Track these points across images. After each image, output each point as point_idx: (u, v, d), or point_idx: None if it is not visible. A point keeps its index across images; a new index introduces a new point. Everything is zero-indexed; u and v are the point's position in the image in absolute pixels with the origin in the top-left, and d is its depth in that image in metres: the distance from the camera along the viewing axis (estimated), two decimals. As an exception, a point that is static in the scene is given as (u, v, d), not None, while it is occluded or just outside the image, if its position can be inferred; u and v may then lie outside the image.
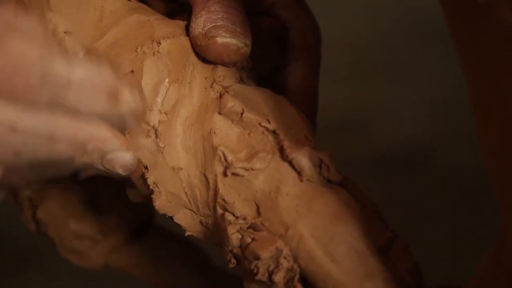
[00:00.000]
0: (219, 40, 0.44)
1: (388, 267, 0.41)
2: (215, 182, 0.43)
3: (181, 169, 0.44)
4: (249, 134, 0.44)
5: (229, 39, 0.44)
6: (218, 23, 0.44)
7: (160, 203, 0.44)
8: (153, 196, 0.44)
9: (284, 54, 0.51)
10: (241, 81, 0.47)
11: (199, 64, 0.45)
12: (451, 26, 0.32)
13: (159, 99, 0.44)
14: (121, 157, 0.41)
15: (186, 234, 0.45)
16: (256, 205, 0.43)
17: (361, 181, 0.45)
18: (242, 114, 0.44)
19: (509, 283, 0.34)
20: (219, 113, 0.44)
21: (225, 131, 0.44)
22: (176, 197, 0.44)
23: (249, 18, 0.46)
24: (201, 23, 0.44)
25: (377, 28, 0.97)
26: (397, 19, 0.99)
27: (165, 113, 0.44)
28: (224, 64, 0.45)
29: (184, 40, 0.45)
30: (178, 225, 0.45)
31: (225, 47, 0.44)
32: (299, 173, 0.43)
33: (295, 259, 0.42)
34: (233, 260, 0.44)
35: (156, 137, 0.44)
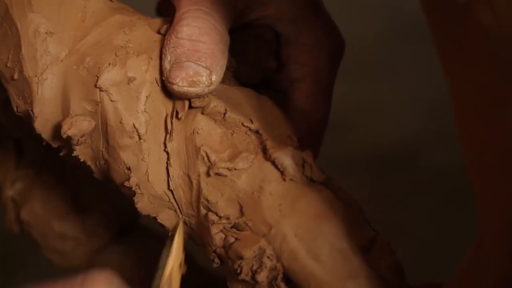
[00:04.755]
0: (176, 88, 0.43)
1: (371, 266, 0.41)
2: (198, 182, 0.43)
3: (165, 169, 0.44)
4: (232, 134, 0.44)
5: (186, 89, 0.43)
6: (182, 61, 0.43)
7: (143, 205, 0.44)
8: (135, 198, 0.44)
9: (272, 58, 0.50)
10: (224, 81, 0.47)
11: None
12: (430, 26, 0.32)
13: (142, 100, 0.44)
14: None
15: (170, 234, 0.45)
16: (239, 204, 0.43)
17: (350, 180, 0.45)
18: (225, 114, 0.44)
19: (488, 283, 0.34)
20: (202, 113, 0.44)
21: (208, 131, 0.44)
22: (159, 198, 0.44)
23: (230, 33, 0.45)
24: (167, 54, 0.43)
25: (368, 28, 0.98)
26: (389, 19, 0.99)
27: (148, 113, 0.44)
28: None
29: (167, 40, 0.45)
30: (161, 225, 0.45)
31: (183, 95, 0.43)
32: (282, 172, 0.43)
33: (278, 259, 0.42)
34: (217, 260, 0.44)
35: (139, 138, 0.44)
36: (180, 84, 0.43)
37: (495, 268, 0.33)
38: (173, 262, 0.42)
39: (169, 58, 0.43)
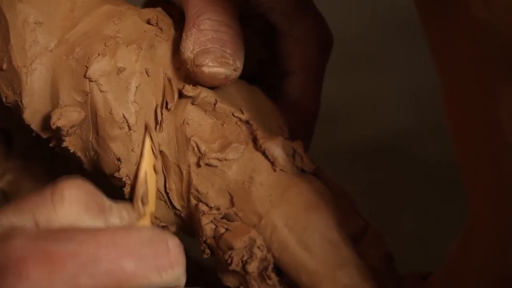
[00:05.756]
0: (206, 70, 0.43)
1: (361, 255, 0.41)
2: (189, 173, 0.43)
3: (155, 160, 0.44)
4: (222, 124, 0.44)
5: (216, 69, 0.43)
6: (207, 46, 0.43)
7: None
8: (125, 189, 0.44)
9: (265, 50, 0.51)
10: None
11: (171, 56, 0.45)
12: (422, 20, 0.32)
13: (131, 90, 0.44)
14: None
15: (160, 225, 0.45)
16: (230, 195, 0.43)
17: (340, 174, 0.45)
18: (215, 104, 0.44)
19: (476, 270, 0.34)
20: (192, 103, 0.44)
21: (198, 122, 0.44)
22: (149, 188, 0.44)
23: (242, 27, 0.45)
24: (190, 44, 0.43)
25: (358, 21, 0.98)
26: (379, 13, 0.99)
27: (137, 103, 0.44)
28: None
29: (156, 31, 0.45)
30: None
31: (212, 77, 0.43)
32: (272, 163, 0.43)
33: (269, 249, 0.42)
34: (207, 251, 0.44)
35: (129, 128, 0.43)
36: (211, 64, 0.43)
37: (494, 267, 0.33)
38: (147, 165, 0.43)
39: (191, 48, 0.43)
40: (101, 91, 0.43)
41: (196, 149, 0.43)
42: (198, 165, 0.43)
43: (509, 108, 0.30)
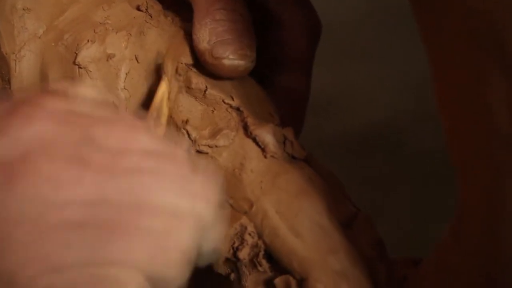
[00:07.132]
0: (227, 62, 0.43)
1: (352, 241, 0.41)
2: (179, 160, 0.43)
3: (145, 147, 0.44)
4: (212, 111, 0.44)
5: (237, 61, 0.43)
6: (225, 38, 0.43)
7: None
8: None
9: (258, 38, 0.51)
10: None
11: (162, 42, 0.45)
12: (413, 6, 0.32)
13: (121, 77, 0.44)
14: None
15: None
16: (221, 182, 0.43)
17: (332, 163, 0.45)
18: (205, 91, 0.44)
19: (465, 257, 0.34)
20: (183, 90, 0.44)
21: (189, 108, 0.44)
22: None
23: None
24: (206, 35, 0.43)
25: (352, 11, 0.98)
26: (373, 2, 0.99)
27: (127, 90, 0.44)
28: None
29: (146, 17, 0.45)
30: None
31: (233, 69, 0.43)
32: (263, 149, 0.43)
33: (260, 236, 0.42)
34: (198, 238, 0.44)
35: (120, 115, 0.43)
36: (231, 57, 0.43)
37: (489, 262, 0.33)
38: (162, 93, 0.42)
39: (207, 39, 0.43)
40: (90, 78, 0.43)
41: (186, 135, 0.43)
42: (188, 152, 0.43)
43: (505, 102, 0.29)
